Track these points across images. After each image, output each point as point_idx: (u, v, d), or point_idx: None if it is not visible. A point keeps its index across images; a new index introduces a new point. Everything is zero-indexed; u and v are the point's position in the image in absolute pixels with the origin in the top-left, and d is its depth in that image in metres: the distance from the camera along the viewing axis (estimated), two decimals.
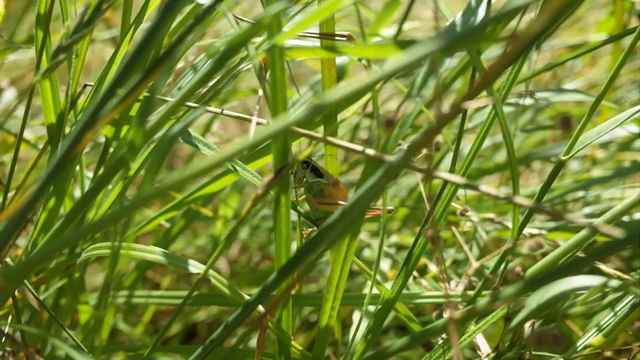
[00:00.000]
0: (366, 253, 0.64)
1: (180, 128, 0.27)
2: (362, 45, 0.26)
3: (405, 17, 0.56)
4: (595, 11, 0.96)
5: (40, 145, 0.62)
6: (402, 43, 0.23)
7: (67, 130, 0.42)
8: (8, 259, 0.36)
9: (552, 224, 0.49)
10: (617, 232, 0.23)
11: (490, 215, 0.47)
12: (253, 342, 0.69)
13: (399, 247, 0.63)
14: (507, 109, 0.53)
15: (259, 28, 0.23)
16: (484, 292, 0.39)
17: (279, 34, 0.26)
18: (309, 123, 0.37)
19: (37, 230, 0.41)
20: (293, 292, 0.39)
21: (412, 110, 0.27)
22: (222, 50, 0.25)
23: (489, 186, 0.61)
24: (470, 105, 0.24)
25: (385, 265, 0.54)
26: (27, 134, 0.67)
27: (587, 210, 0.56)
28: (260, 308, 0.30)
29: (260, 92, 0.31)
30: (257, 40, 0.38)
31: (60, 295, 0.49)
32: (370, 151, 0.28)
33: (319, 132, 0.40)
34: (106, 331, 0.28)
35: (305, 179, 0.39)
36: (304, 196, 0.41)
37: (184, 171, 0.23)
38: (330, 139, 0.31)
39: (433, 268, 0.50)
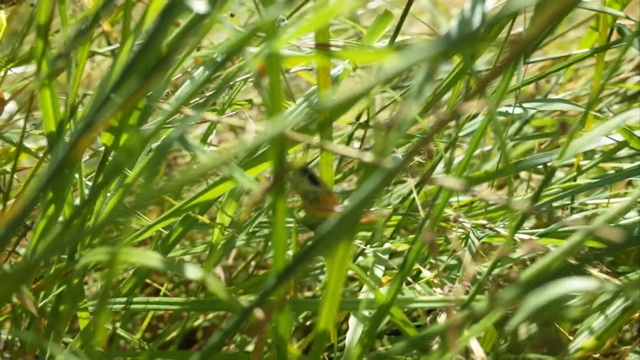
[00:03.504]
0: (360, 259, 0.63)
1: (177, 133, 0.26)
2: (358, 50, 0.25)
3: (397, 30, 0.55)
4: (574, 30, 0.96)
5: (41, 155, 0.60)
6: (398, 47, 0.22)
7: (67, 139, 0.41)
8: (7, 266, 0.35)
9: (541, 230, 0.48)
10: (615, 235, 0.22)
11: (482, 221, 0.46)
12: (249, 346, 0.67)
13: (392, 254, 0.61)
14: (498, 119, 0.52)
15: (256, 33, 0.22)
16: (477, 297, 0.38)
17: (275, 40, 0.25)
18: (305, 130, 0.36)
19: (36, 237, 0.40)
20: (289, 297, 0.38)
21: (408, 116, 0.26)
22: (219, 56, 0.24)
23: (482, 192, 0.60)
24: (468, 109, 0.23)
25: (379, 271, 0.53)
26: (30, 144, 0.66)
27: (575, 217, 0.55)
28: (258, 314, 0.29)
29: (257, 100, 0.30)
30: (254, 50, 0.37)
31: (59, 301, 0.47)
32: (367, 156, 0.28)
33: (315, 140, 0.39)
34: (103, 336, 0.27)
35: (301, 186, 0.38)
36: (300, 202, 0.39)
37: (183, 175, 0.22)
38: (326, 145, 0.30)
39: (427, 273, 0.49)
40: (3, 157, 0.56)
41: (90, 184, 0.50)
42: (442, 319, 0.39)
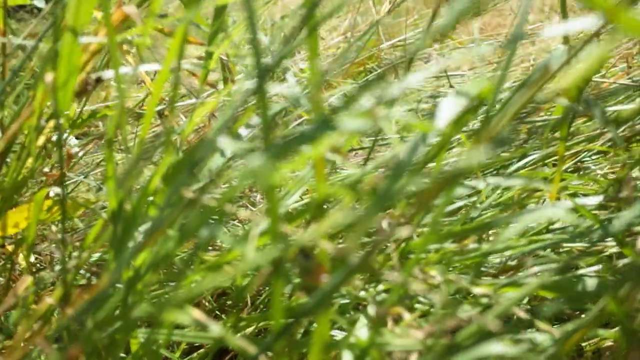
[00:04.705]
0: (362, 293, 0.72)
1: (213, 232, 0.36)
2: (339, 187, 0.35)
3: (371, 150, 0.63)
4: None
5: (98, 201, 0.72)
6: (363, 190, 0.32)
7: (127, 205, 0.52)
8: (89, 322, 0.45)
9: (504, 281, 0.57)
10: (494, 324, 0.31)
11: (451, 277, 0.55)
12: None
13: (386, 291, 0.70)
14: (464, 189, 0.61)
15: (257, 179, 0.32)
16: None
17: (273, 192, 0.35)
18: (300, 214, 0.45)
19: (104, 281, 0.50)
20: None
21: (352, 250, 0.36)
22: (225, 195, 0.34)
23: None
24: (404, 232, 0.32)
25: (372, 310, 0.62)
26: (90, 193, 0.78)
27: (537, 269, 0.63)
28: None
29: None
30: None
31: (115, 331, 0.58)
32: (337, 251, 0.37)
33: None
34: None
35: (297, 261, 0.48)
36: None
37: (207, 280, 0.32)
38: (316, 241, 0.39)
39: (407, 316, 0.58)
40: (71, 210, 0.68)
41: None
42: (413, 358, 0.48)
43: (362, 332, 0.54)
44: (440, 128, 0.35)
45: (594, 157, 0.84)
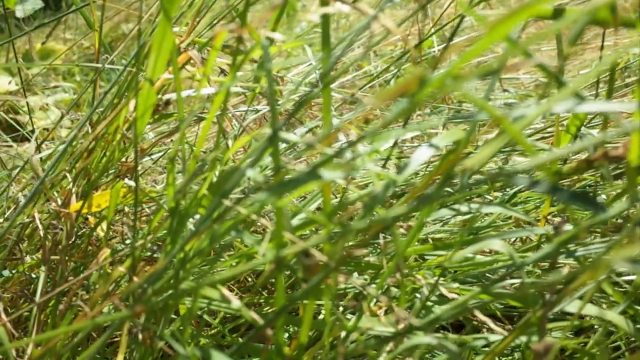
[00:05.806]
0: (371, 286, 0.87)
1: (233, 236, 0.51)
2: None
3: None
4: None
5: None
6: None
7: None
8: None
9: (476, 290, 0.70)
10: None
11: (433, 280, 0.68)
12: None
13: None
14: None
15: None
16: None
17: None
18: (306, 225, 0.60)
19: (162, 259, 0.67)
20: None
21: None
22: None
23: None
24: (359, 253, 0.47)
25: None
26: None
27: (510, 281, 0.75)
28: (267, 330, 0.54)
29: None
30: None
31: (168, 297, 0.76)
32: (322, 257, 0.52)
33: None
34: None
35: (299, 258, 0.63)
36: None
37: (239, 266, 0.47)
38: (312, 248, 0.54)
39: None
40: (140, 197, 0.86)
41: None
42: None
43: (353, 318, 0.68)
44: (403, 177, 0.49)
45: (600, 184, 0.94)
